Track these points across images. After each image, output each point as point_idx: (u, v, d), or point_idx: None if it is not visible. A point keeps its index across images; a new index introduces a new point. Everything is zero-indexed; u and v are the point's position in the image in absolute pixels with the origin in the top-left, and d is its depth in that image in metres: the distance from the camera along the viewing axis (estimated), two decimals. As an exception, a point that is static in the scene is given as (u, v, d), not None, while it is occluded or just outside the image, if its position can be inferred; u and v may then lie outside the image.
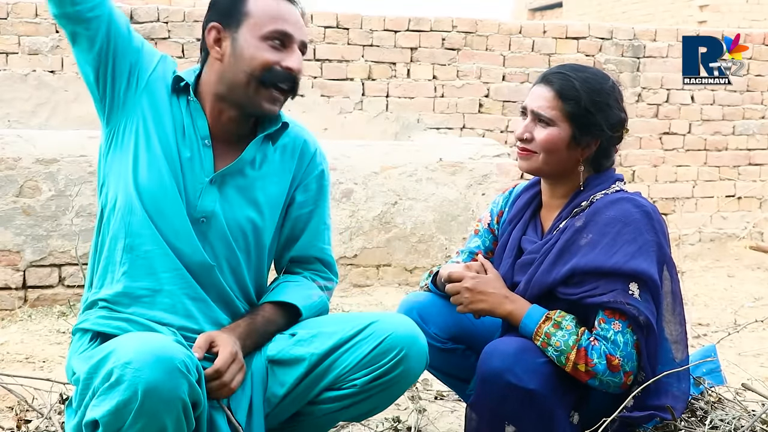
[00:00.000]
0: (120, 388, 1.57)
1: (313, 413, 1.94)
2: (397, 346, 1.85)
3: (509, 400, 1.90)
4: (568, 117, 2.02)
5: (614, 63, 6.39)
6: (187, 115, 1.92)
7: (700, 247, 6.51)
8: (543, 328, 1.94)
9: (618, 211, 1.97)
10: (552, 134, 2.02)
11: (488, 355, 1.95)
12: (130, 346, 1.61)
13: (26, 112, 5.53)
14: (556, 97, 2.03)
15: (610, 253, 1.93)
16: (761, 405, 2.45)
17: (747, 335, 3.82)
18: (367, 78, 5.99)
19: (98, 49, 1.84)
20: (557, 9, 14.78)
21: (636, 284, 1.92)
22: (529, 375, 1.90)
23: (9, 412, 2.62)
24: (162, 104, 1.91)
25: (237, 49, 1.86)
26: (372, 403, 1.93)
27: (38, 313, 4.07)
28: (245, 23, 1.86)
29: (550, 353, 1.93)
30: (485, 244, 2.29)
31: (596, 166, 2.10)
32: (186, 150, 1.89)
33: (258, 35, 1.85)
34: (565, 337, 1.92)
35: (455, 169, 4.87)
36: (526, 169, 2.10)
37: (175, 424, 1.61)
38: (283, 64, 1.86)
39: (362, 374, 1.86)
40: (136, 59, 1.90)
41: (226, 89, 1.89)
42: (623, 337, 1.91)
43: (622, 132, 2.10)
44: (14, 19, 5.46)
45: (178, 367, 1.60)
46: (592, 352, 1.90)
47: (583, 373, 1.91)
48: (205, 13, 1.93)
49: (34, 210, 4.13)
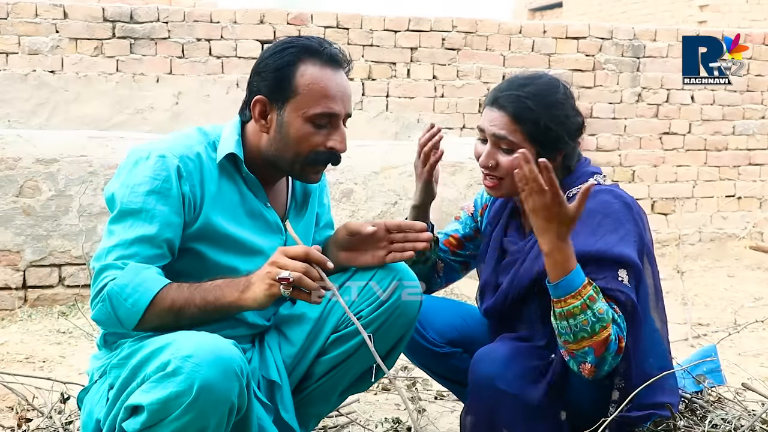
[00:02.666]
0: (176, 380, 1.59)
1: (321, 367, 2.00)
2: (391, 274, 1.97)
3: (501, 406, 1.90)
4: (529, 139, 1.97)
5: (614, 63, 6.40)
6: (246, 188, 1.94)
7: (700, 247, 6.51)
8: (588, 289, 1.83)
9: (597, 203, 1.95)
10: (516, 160, 1.92)
11: (479, 361, 1.94)
12: (191, 341, 1.63)
13: (26, 112, 5.53)
14: (513, 121, 1.97)
15: (593, 240, 1.90)
16: (761, 405, 2.46)
17: (747, 335, 3.82)
18: (367, 78, 5.99)
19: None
20: (557, 9, 14.78)
21: (624, 270, 1.90)
22: (520, 380, 1.89)
23: (9, 411, 2.62)
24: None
25: (283, 127, 1.86)
26: (378, 341, 1.95)
27: (38, 313, 4.07)
28: (292, 101, 1.85)
29: (587, 316, 1.81)
30: (464, 230, 2.29)
31: (564, 170, 2.06)
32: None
33: (304, 116, 1.85)
34: (606, 307, 1.83)
35: (455, 169, 4.87)
36: (495, 195, 2.07)
37: (217, 423, 1.64)
38: (328, 145, 1.88)
39: (365, 305, 1.95)
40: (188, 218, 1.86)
41: (272, 157, 1.90)
42: (622, 323, 1.87)
43: (581, 133, 2.06)
44: (14, 19, 5.46)
45: (235, 369, 1.62)
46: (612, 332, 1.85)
47: (603, 348, 1.82)
48: (251, 74, 1.91)
49: (34, 210, 4.13)
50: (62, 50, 5.52)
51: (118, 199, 1.81)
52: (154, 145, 1.86)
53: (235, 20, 5.75)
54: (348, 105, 1.91)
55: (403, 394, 1.81)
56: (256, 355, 1.99)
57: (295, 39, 1.90)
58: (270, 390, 1.96)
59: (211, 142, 1.92)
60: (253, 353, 1.99)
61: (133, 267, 1.75)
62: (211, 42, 5.74)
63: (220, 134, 1.94)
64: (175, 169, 1.81)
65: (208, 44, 5.74)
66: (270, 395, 1.96)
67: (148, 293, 1.73)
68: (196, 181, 1.85)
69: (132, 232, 1.77)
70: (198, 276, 1.85)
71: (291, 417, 1.95)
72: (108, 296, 1.73)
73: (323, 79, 1.85)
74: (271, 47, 1.90)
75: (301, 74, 1.84)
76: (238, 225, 1.91)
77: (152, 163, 1.81)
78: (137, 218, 1.78)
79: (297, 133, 1.85)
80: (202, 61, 5.73)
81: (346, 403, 2.56)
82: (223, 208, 1.89)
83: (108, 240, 1.79)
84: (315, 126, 1.86)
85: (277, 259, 1.74)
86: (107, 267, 1.76)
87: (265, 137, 1.89)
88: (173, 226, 1.80)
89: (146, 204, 1.78)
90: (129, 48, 5.62)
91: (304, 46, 1.87)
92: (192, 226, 1.85)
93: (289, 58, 1.85)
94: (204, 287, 1.77)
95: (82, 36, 5.55)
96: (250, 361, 1.96)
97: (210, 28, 5.72)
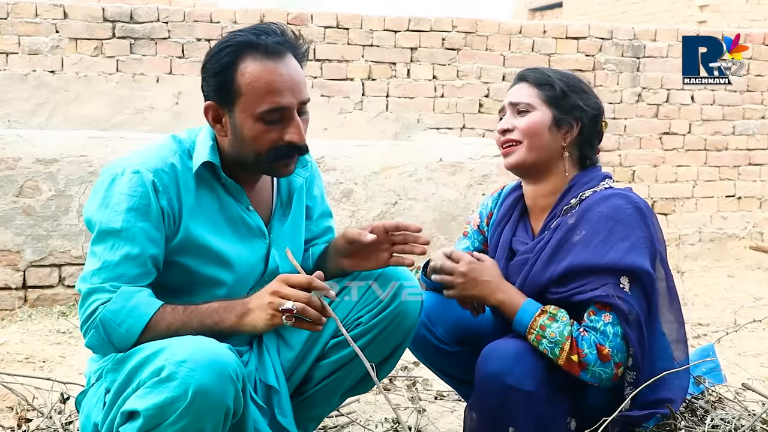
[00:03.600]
0: (171, 385, 1.59)
1: (321, 371, 2.01)
2: (390, 280, 1.98)
3: (508, 402, 1.90)
4: (547, 100, 2.05)
5: (614, 63, 6.40)
6: (225, 194, 1.91)
7: (700, 247, 6.51)
8: (538, 320, 1.93)
9: (610, 208, 1.97)
10: (533, 118, 2.04)
11: (486, 357, 1.95)
12: (186, 346, 1.63)
13: (26, 112, 5.53)
14: (531, 86, 2.07)
15: (605, 251, 1.92)
16: (761, 405, 2.46)
17: (747, 335, 3.82)
18: (367, 78, 5.99)
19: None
20: (557, 9, 14.78)
21: (627, 278, 1.92)
22: (528, 377, 1.89)
23: (9, 411, 2.62)
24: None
25: (237, 128, 1.82)
26: (377, 349, 1.98)
27: (38, 313, 4.07)
28: (238, 102, 1.80)
29: (544, 346, 1.92)
30: (474, 245, 2.28)
31: (581, 158, 2.09)
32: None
33: (253, 116, 1.79)
34: (560, 328, 1.91)
35: (455, 169, 4.87)
36: (511, 164, 2.07)
37: (213, 427, 1.64)
38: (285, 139, 1.82)
39: (365, 311, 1.96)
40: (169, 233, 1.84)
41: (242, 159, 1.87)
42: (613, 328, 1.90)
43: (601, 120, 2.11)
44: (14, 19, 5.46)
45: (230, 373, 1.62)
46: (582, 343, 1.90)
47: (576, 364, 1.90)
48: (201, 81, 1.87)
49: (34, 210, 4.13)
50: (62, 50, 5.52)
51: (98, 219, 1.79)
52: (127, 160, 1.83)
53: (235, 20, 5.75)
54: (299, 92, 1.82)
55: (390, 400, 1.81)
56: (254, 358, 1.99)
57: (232, 36, 1.83)
58: (267, 394, 1.96)
59: (186, 150, 1.88)
60: (251, 356, 1.99)
61: (125, 291, 1.74)
62: (211, 42, 5.74)
63: (195, 141, 1.90)
64: (151, 183, 1.78)
65: (208, 44, 5.73)
66: (267, 399, 1.95)
67: (143, 318, 1.73)
68: (172, 193, 1.82)
69: (116, 252, 1.75)
70: (185, 289, 1.85)
71: (289, 422, 1.95)
72: (101, 322, 1.73)
73: (264, 73, 1.78)
74: (212, 48, 1.86)
75: (241, 73, 1.79)
76: (218, 234, 1.88)
77: (127, 180, 1.78)
78: (118, 238, 1.76)
79: (250, 134, 1.81)
80: (202, 61, 5.73)
81: (345, 403, 2.56)
82: (203, 218, 1.86)
83: (92, 262, 1.77)
84: (266, 123, 1.80)
85: (279, 289, 1.72)
86: (95, 290, 1.74)
87: (226, 141, 1.86)
88: (156, 241, 1.79)
89: (126, 222, 1.76)
90: (129, 48, 5.62)
91: (240, 43, 1.80)
92: (173, 240, 1.83)
93: (227, 58, 1.80)
94: (200, 311, 1.76)
95: (82, 36, 5.55)
96: (248, 363, 1.96)
97: (210, 28, 5.72)
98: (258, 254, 1.95)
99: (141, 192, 1.77)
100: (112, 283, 1.74)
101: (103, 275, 1.75)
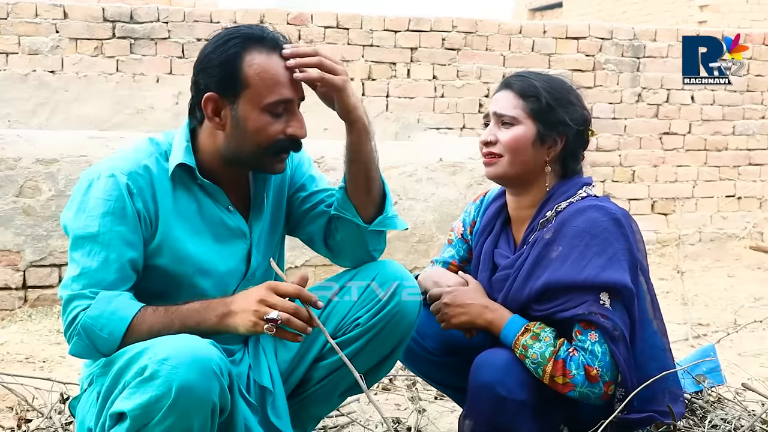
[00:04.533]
0: (154, 384, 1.59)
1: (319, 372, 2.00)
2: (389, 280, 1.97)
3: (501, 412, 1.89)
4: (531, 114, 2.00)
5: (614, 63, 6.40)
6: (204, 196, 1.89)
7: (700, 247, 6.51)
8: (521, 340, 1.92)
9: (585, 222, 1.93)
10: (516, 133, 1.99)
11: (478, 368, 1.94)
12: (167, 344, 1.63)
13: (26, 112, 5.53)
14: (516, 96, 2.01)
15: (581, 267, 1.90)
16: (761, 405, 2.46)
17: (747, 335, 3.82)
18: (367, 78, 5.99)
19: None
20: (557, 9, 14.78)
21: (607, 294, 1.90)
22: (520, 387, 1.89)
23: (9, 411, 2.62)
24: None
25: (239, 121, 1.81)
26: (375, 349, 1.97)
27: (38, 313, 4.08)
28: (244, 94, 1.79)
29: (528, 365, 1.90)
30: (459, 254, 2.26)
31: (564, 171, 2.06)
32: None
33: (259, 107, 1.79)
34: (542, 348, 1.89)
35: (455, 169, 4.87)
36: (492, 175, 2.05)
37: (201, 425, 1.63)
38: (288, 132, 1.83)
39: (363, 311, 1.95)
40: (148, 236, 1.83)
41: (232, 155, 1.85)
42: (601, 347, 1.88)
43: (587, 132, 2.06)
44: (14, 19, 5.46)
45: (213, 369, 1.62)
46: (571, 364, 1.87)
47: (560, 385, 1.88)
48: (195, 73, 1.83)
49: (34, 210, 4.13)
50: (62, 50, 5.52)
51: (75, 225, 1.78)
52: (104, 165, 1.83)
53: (235, 20, 5.75)
54: (300, 89, 1.85)
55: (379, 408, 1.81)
56: (248, 358, 1.98)
57: (235, 30, 1.84)
58: (261, 394, 1.95)
59: (162, 152, 1.87)
60: (244, 354, 1.98)
61: (104, 296, 1.73)
62: (211, 42, 5.74)
63: (172, 142, 1.89)
64: (125, 186, 1.78)
65: (208, 44, 5.74)
66: (261, 399, 1.94)
67: (124, 321, 1.72)
68: (148, 196, 1.81)
69: (93, 258, 1.75)
70: (166, 293, 1.84)
71: (284, 423, 1.94)
72: (82, 329, 1.72)
73: (272, 66, 1.79)
74: (213, 41, 1.83)
75: (249, 64, 1.78)
76: (196, 236, 1.87)
77: (102, 184, 1.78)
78: (95, 243, 1.75)
79: (255, 125, 1.80)
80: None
81: (345, 403, 2.56)
82: (181, 220, 1.85)
83: (72, 268, 1.77)
84: (272, 115, 1.81)
85: (266, 297, 1.71)
86: (75, 297, 1.74)
87: (221, 135, 1.84)
88: (133, 245, 1.78)
89: (102, 227, 1.75)
90: (129, 48, 5.62)
91: (246, 35, 1.81)
92: (151, 243, 1.82)
93: (235, 49, 1.79)
94: (182, 311, 1.75)
95: (82, 36, 5.54)
96: (240, 362, 1.95)
97: (210, 28, 5.71)
98: (239, 255, 1.94)
99: (116, 195, 1.77)
100: (92, 289, 1.74)
101: (82, 281, 1.75)
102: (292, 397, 2.03)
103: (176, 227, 1.84)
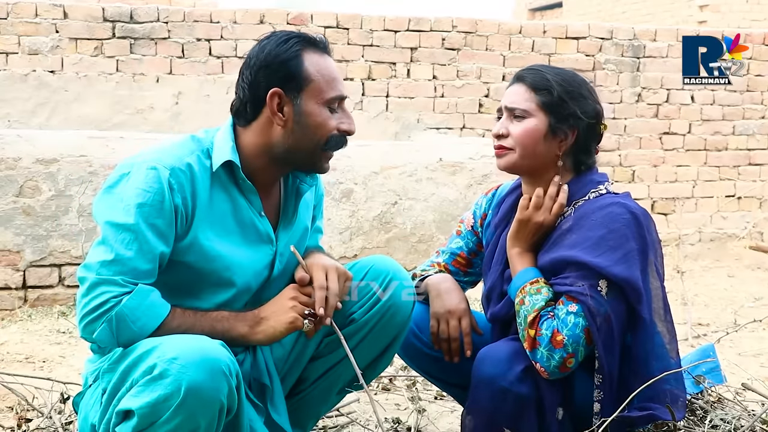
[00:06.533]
0: (163, 382, 1.60)
1: (316, 370, 2.02)
2: (381, 274, 2.01)
3: (503, 405, 1.90)
4: (543, 107, 2.00)
5: (614, 63, 6.40)
6: (240, 196, 1.91)
7: (700, 247, 6.51)
8: (527, 287, 1.96)
9: (605, 217, 1.94)
10: (528, 126, 2.01)
11: (481, 361, 1.95)
12: (177, 344, 1.64)
13: (26, 112, 5.53)
14: (528, 90, 2.02)
15: (594, 254, 1.91)
16: (761, 405, 2.46)
17: (747, 335, 3.82)
18: (367, 78, 5.99)
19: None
20: (557, 9, 14.78)
21: (607, 283, 1.91)
22: (522, 380, 1.90)
23: (9, 411, 2.62)
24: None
25: (302, 116, 1.86)
26: (372, 345, 1.99)
27: (38, 313, 4.07)
28: (307, 89, 1.86)
29: (521, 312, 1.94)
30: (468, 246, 2.27)
31: (576, 165, 2.06)
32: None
33: (321, 102, 1.87)
34: (536, 302, 1.93)
35: (455, 169, 4.87)
36: (503, 167, 2.07)
37: (208, 424, 1.64)
38: (342, 128, 1.90)
39: (357, 307, 1.99)
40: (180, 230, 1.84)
41: (286, 152, 1.89)
42: (574, 318, 1.89)
43: (599, 125, 2.06)
44: (14, 19, 5.46)
45: (222, 369, 1.63)
46: (543, 322, 1.91)
47: (531, 339, 1.90)
48: (252, 71, 1.87)
49: (34, 210, 4.13)
50: (62, 50, 5.52)
51: (111, 212, 1.77)
52: (144, 156, 1.83)
53: (235, 20, 5.75)
54: (346, 88, 1.97)
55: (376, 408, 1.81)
56: (249, 358, 1.99)
57: (291, 32, 1.92)
58: (262, 393, 1.96)
59: (204, 150, 1.88)
60: (246, 355, 1.99)
61: (143, 289, 1.74)
62: (211, 42, 5.75)
63: (213, 140, 1.90)
64: (167, 181, 1.78)
65: (208, 44, 5.74)
66: (262, 398, 1.96)
67: (158, 317, 1.74)
68: (187, 193, 1.82)
69: (128, 247, 1.74)
70: (189, 290, 1.86)
71: (283, 420, 1.95)
72: (116, 317, 1.71)
73: (328, 65, 1.90)
74: (272, 41, 1.88)
75: (310, 62, 1.86)
76: (227, 237, 1.88)
77: (143, 175, 1.78)
78: (130, 231, 1.75)
79: (317, 120, 1.86)
80: (202, 61, 5.73)
81: (345, 403, 2.56)
82: (214, 219, 1.86)
83: (101, 253, 1.75)
84: (330, 110, 1.88)
85: (298, 296, 1.83)
86: (104, 282, 1.73)
87: (278, 131, 1.87)
88: (166, 239, 1.79)
89: (139, 217, 1.75)
90: (129, 48, 5.62)
91: (302, 36, 1.90)
92: (183, 240, 1.83)
93: (296, 47, 1.86)
94: (211, 316, 1.80)
95: (82, 36, 5.55)
96: (243, 363, 1.96)
97: (210, 28, 5.72)
98: (264, 261, 1.96)
99: (156, 188, 1.77)
100: (124, 277, 1.73)
101: (114, 268, 1.73)
102: (291, 396, 2.04)
103: (208, 226, 1.86)
